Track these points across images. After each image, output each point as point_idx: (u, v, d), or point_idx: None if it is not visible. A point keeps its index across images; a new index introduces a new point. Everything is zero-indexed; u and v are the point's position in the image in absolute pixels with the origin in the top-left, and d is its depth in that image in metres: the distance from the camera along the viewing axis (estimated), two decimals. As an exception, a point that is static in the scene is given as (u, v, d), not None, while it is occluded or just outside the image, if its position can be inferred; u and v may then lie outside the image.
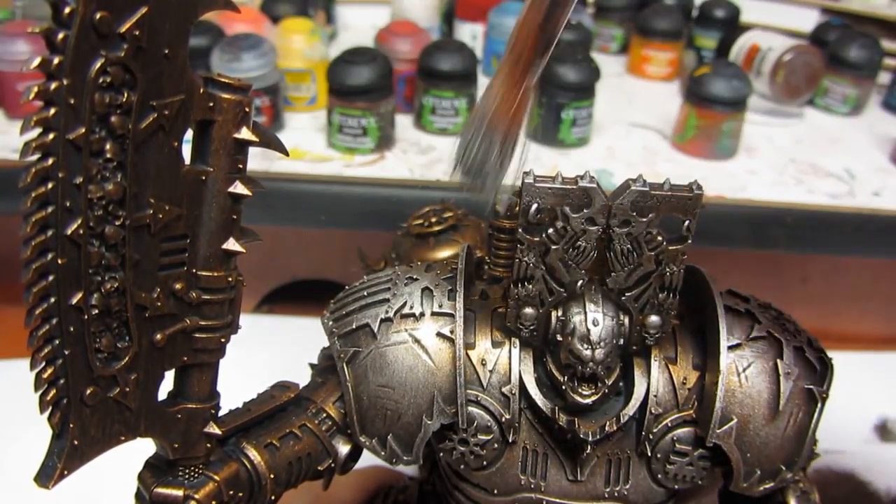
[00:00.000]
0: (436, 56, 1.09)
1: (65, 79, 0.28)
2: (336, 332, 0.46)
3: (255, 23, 1.22)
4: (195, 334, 0.38)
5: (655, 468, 0.45)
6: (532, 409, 0.45)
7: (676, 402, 0.44)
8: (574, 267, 0.41)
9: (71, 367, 0.33)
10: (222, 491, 0.40)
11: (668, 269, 0.41)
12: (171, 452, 0.39)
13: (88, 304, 0.33)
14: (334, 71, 1.02)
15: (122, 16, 0.29)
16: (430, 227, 0.68)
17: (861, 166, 1.13)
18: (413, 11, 1.38)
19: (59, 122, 0.29)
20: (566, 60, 1.08)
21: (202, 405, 0.39)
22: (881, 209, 1.02)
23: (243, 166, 0.36)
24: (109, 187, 0.31)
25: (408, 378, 0.44)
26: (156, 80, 0.31)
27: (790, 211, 1.01)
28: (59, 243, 0.31)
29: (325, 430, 0.46)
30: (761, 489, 0.45)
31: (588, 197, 0.39)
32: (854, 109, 1.32)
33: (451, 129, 1.13)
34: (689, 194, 0.39)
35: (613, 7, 1.51)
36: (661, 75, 1.43)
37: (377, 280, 0.48)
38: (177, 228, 0.35)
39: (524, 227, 0.40)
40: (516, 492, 0.46)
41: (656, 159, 1.11)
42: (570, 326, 0.41)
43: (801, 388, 0.44)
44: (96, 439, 0.35)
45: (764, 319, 0.45)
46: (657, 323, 0.42)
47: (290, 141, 1.08)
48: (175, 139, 0.33)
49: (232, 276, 0.38)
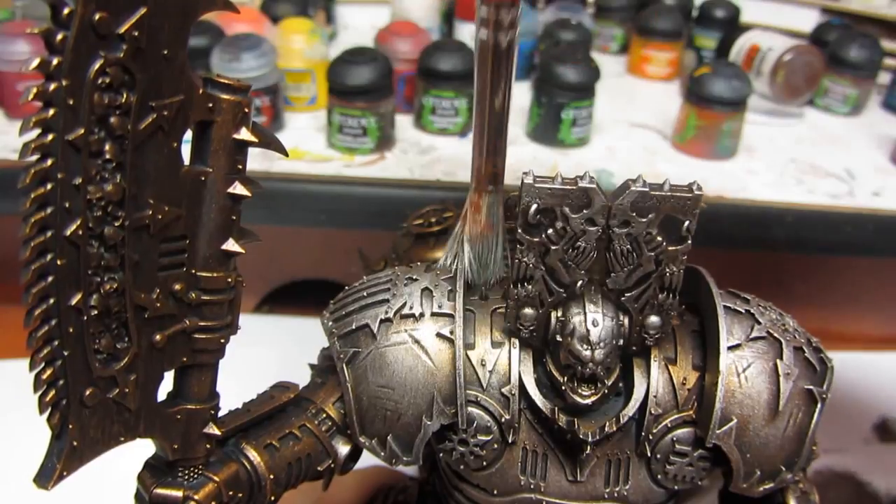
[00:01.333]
0: (436, 56, 1.09)
1: (64, 79, 0.28)
2: (336, 332, 0.46)
3: (255, 23, 1.22)
4: (195, 335, 0.38)
5: (655, 469, 0.45)
6: (532, 410, 0.45)
7: (676, 402, 0.44)
8: (574, 267, 0.41)
9: (70, 368, 0.33)
10: (222, 491, 0.40)
11: (667, 270, 0.41)
12: (170, 453, 0.39)
13: (88, 304, 0.33)
14: (334, 71, 1.02)
15: (122, 16, 0.29)
16: (430, 227, 0.68)
17: (861, 166, 1.13)
18: (413, 11, 1.38)
19: (59, 123, 0.29)
20: (566, 60, 1.08)
21: (202, 406, 0.39)
22: (881, 209, 1.02)
23: (243, 167, 0.36)
24: (108, 188, 0.31)
25: (407, 378, 0.44)
26: (155, 81, 0.31)
27: (790, 211, 1.01)
28: (58, 244, 0.31)
29: (324, 431, 0.46)
30: (761, 489, 0.45)
31: (588, 197, 0.39)
32: (854, 109, 1.31)
33: (451, 129, 1.13)
34: (689, 195, 0.39)
35: (613, 7, 1.51)
36: (661, 75, 1.43)
37: (377, 280, 0.48)
38: (176, 229, 0.35)
39: (524, 228, 0.40)
40: (516, 492, 0.46)
41: (656, 159, 1.11)
42: (570, 327, 0.41)
43: (801, 389, 0.44)
44: (96, 440, 0.35)
45: (764, 320, 0.45)
46: (657, 323, 0.42)
47: (290, 141, 1.08)
48: (174, 140, 0.33)
49: (231, 276, 0.38)
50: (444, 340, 0.44)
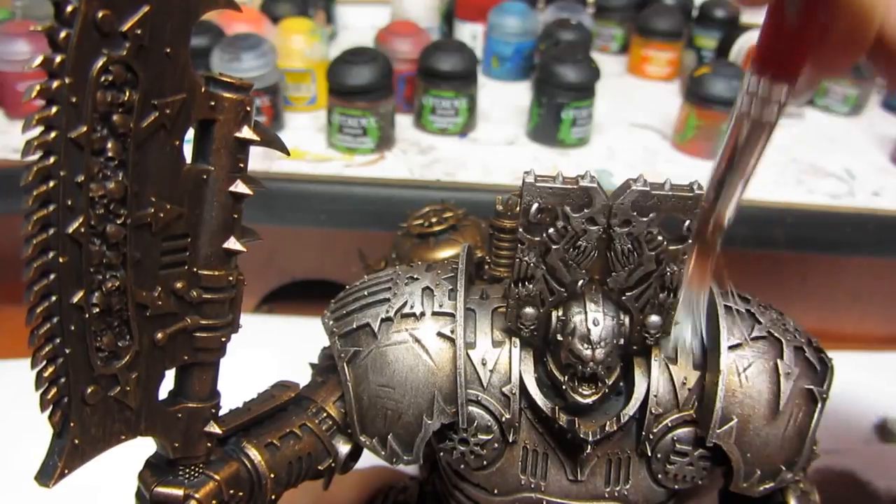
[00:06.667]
0: (436, 56, 1.10)
1: (67, 77, 0.28)
2: (336, 331, 0.46)
3: (255, 23, 1.22)
4: (196, 333, 0.38)
5: (655, 468, 0.45)
6: (532, 409, 0.45)
7: (676, 401, 0.44)
8: (574, 267, 0.41)
9: (72, 366, 0.33)
10: (222, 490, 0.40)
11: (668, 269, 0.41)
12: (171, 451, 0.39)
13: (89, 302, 0.33)
14: (334, 71, 1.02)
15: (124, 14, 0.29)
16: (430, 227, 0.67)
17: (861, 166, 1.13)
18: (413, 11, 1.38)
19: (61, 121, 0.29)
20: (566, 60, 1.08)
21: (203, 404, 0.39)
22: (881, 209, 1.02)
23: (244, 165, 0.36)
24: (111, 186, 0.31)
25: (408, 378, 0.44)
26: (157, 79, 0.31)
27: (790, 211, 1.01)
28: (60, 242, 0.31)
29: (325, 430, 0.46)
30: (761, 489, 0.45)
31: (588, 197, 0.39)
32: (854, 109, 1.32)
33: (450, 129, 1.13)
34: (690, 194, 0.39)
35: (613, 7, 1.51)
36: (661, 75, 1.43)
37: (377, 280, 0.48)
38: (178, 227, 0.35)
39: (525, 227, 0.40)
40: (516, 492, 0.46)
41: (656, 159, 1.11)
42: (571, 326, 0.41)
43: (802, 389, 0.44)
44: (97, 438, 0.35)
45: (764, 319, 0.45)
46: (657, 323, 0.42)
47: (291, 141, 1.08)
48: (176, 138, 0.33)
49: (233, 275, 0.38)
50: (444, 340, 0.44)
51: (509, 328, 0.44)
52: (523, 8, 1.34)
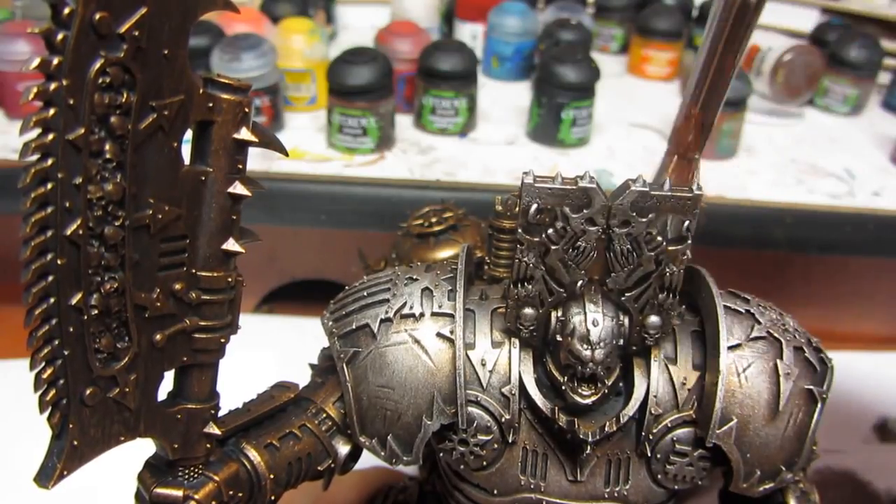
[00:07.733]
0: (436, 56, 1.09)
1: (64, 79, 0.28)
2: (336, 332, 0.46)
3: (255, 23, 1.22)
4: (195, 334, 0.38)
5: (655, 468, 0.45)
6: (532, 410, 0.44)
7: (676, 402, 0.44)
8: (574, 267, 0.41)
9: (70, 368, 0.33)
10: (222, 491, 0.40)
11: (668, 270, 0.41)
12: (170, 452, 0.39)
13: (88, 304, 0.33)
14: (334, 71, 1.02)
15: (122, 16, 0.29)
16: (430, 227, 0.67)
17: (861, 166, 1.13)
18: (413, 11, 1.38)
19: (59, 123, 0.29)
20: (566, 60, 1.08)
21: (202, 405, 0.39)
22: (881, 209, 1.02)
23: (243, 167, 0.36)
24: (109, 188, 0.31)
25: (408, 378, 0.44)
26: (155, 81, 0.31)
27: (790, 211, 1.01)
28: (58, 244, 0.31)
29: (324, 431, 0.46)
30: (761, 489, 0.45)
31: (588, 197, 0.39)
32: (854, 109, 1.32)
33: (450, 129, 1.13)
34: (689, 194, 0.39)
35: (613, 7, 1.51)
36: (661, 75, 1.43)
37: (377, 280, 0.48)
38: (176, 229, 0.35)
39: (524, 228, 0.40)
40: (516, 492, 0.46)
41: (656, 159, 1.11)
42: (570, 327, 0.41)
43: (801, 389, 0.44)
44: (96, 439, 0.35)
45: (764, 319, 0.45)
46: (657, 323, 0.42)
47: (290, 141, 1.08)
48: (174, 140, 0.33)
49: (232, 276, 0.38)
50: (444, 340, 0.44)
51: (509, 329, 0.44)
52: (523, 8, 1.34)
